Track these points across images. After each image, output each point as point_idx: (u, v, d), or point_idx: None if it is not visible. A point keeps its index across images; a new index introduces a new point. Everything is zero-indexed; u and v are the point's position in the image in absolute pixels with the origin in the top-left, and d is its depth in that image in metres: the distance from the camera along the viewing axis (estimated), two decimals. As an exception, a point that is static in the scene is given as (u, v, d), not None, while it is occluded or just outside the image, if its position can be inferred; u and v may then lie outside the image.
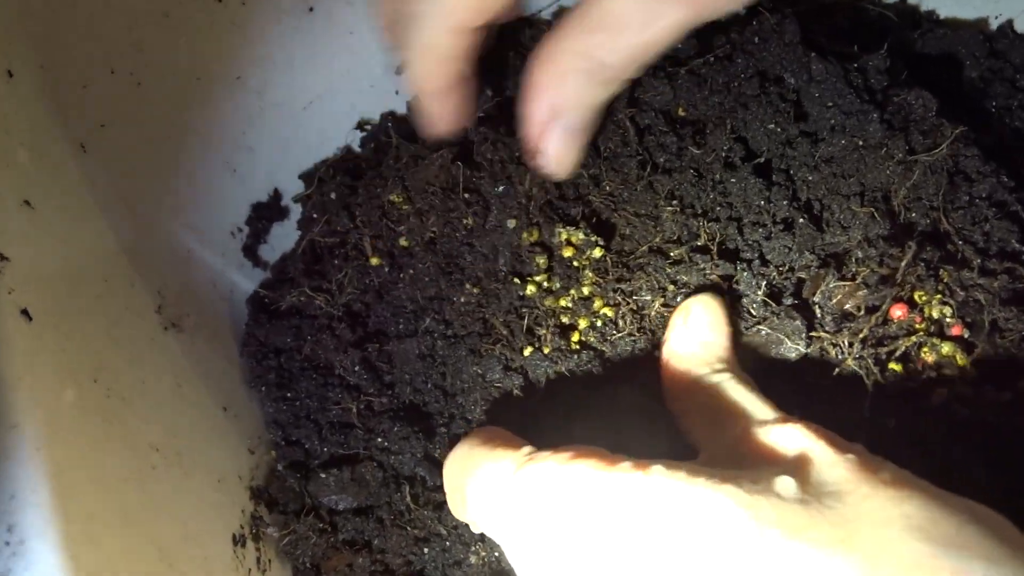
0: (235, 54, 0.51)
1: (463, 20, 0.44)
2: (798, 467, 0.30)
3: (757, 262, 0.49)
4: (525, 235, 0.48)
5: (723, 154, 0.51)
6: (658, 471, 0.29)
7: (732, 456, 0.34)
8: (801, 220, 0.50)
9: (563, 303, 0.48)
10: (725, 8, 0.41)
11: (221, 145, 0.54)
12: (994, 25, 0.67)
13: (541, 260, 0.48)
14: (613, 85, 0.43)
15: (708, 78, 0.52)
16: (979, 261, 0.48)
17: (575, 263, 0.48)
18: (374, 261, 0.52)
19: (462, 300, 0.48)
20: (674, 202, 0.50)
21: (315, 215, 0.56)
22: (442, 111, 0.50)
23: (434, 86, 0.48)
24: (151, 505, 0.36)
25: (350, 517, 0.47)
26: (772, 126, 0.51)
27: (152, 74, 0.48)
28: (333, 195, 0.55)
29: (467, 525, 0.44)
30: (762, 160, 0.51)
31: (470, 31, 0.45)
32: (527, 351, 0.47)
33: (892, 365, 0.45)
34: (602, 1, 0.39)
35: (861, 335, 0.44)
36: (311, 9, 0.52)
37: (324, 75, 0.56)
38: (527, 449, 0.34)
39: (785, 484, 0.28)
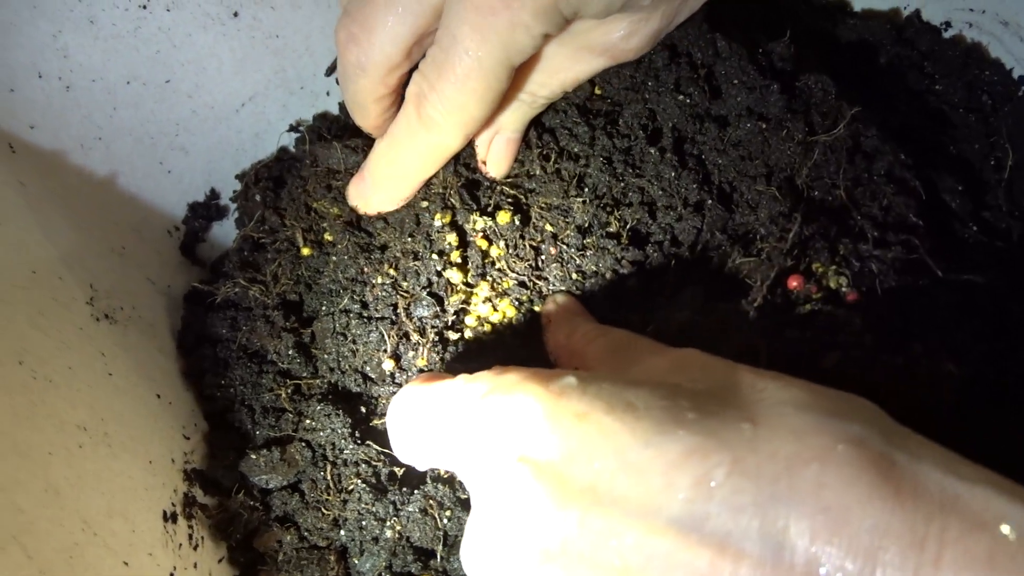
0: (163, 59, 0.53)
1: (474, 129, 0.47)
2: (703, 375, 0.36)
3: (668, 243, 0.52)
4: (438, 216, 0.51)
5: (636, 137, 0.53)
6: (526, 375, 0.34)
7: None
8: (709, 202, 0.52)
9: (474, 295, 0.50)
10: (634, 55, 0.47)
11: (154, 146, 0.56)
12: (905, 15, 0.70)
13: (452, 238, 0.50)
14: (541, 108, 0.51)
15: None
16: (875, 234, 0.50)
17: (488, 254, 0.51)
18: (306, 251, 0.54)
19: (378, 282, 0.51)
20: (585, 191, 0.52)
21: (247, 214, 0.59)
22: (409, 195, 0.52)
23: (427, 176, 0.51)
24: (77, 480, 0.38)
25: (281, 495, 0.48)
26: (682, 97, 0.54)
27: (80, 78, 0.50)
28: (258, 197, 0.57)
29: (381, 503, 0.46)
30: (672, 139, 0.53)
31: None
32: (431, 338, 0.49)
33: (789, 331, 0.47)
34: (543, 52, 0.46)
35: (756, 303, 0.47)
36: (236, 14, 0.54)
37: (255, 78, 0.59)
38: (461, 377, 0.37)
39: (697, 385, 0.34)
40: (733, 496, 0.29)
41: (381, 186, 0.50)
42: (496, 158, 0.52)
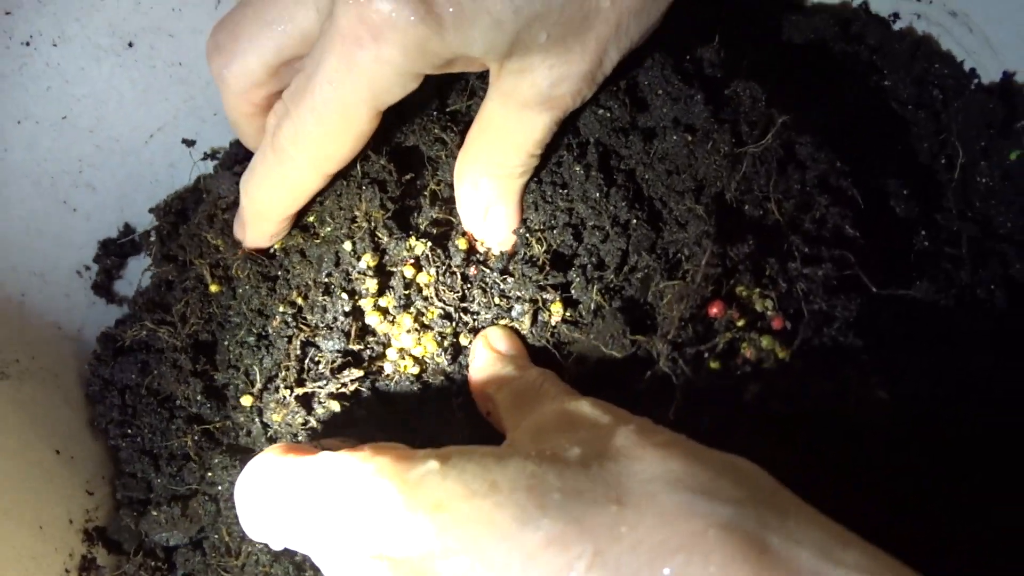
0: (56, 95, 0.51)
1: (329, 168, 0.45)
2: (585, 436, 0.34)
3: (590, 267, 0.49)
4: (367, 257, 0.48)
5: (560, 156, 0.50)
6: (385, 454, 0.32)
7: (535, 435, 0.37)
8: (634, 221, 0.49)
9: (394, 326, 0.47)
10: (573, 101, 0.45)
11: (55, 186, 0.53)
12: (853, 6, 0.67)
13: (372, 284, 0.48)
14: (524, 176, 0.48)
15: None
16: (805, 250, 0.47)
17: (415, 282, 0.48)
18: (214, 288, 0.51)
19: (280, 310, 0.48)
20: None
21: (156, 249, 0.56)
22: (277, 231, 0.49)
23: (286, 214, 0.48)
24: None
25: (183, 553, 0.46)
26: (602, 111, 0.50)
27: (-36, 120, 0.48)
28: (152, 236, 0.55)
29: (280, 564, 0.44)
30: (597, 155, 0.50)
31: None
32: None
33: (711, 364, 0.44)
34: (491, 120, 0.45)
35: (669, 335, 0.44)
36: (130, 44, 0.52)
37: (162, 108, 0.56)
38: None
39: (572, 453, 0.32)
40: None
41: (247, 221, 0.48)
42: (494, 232, 0.49)
